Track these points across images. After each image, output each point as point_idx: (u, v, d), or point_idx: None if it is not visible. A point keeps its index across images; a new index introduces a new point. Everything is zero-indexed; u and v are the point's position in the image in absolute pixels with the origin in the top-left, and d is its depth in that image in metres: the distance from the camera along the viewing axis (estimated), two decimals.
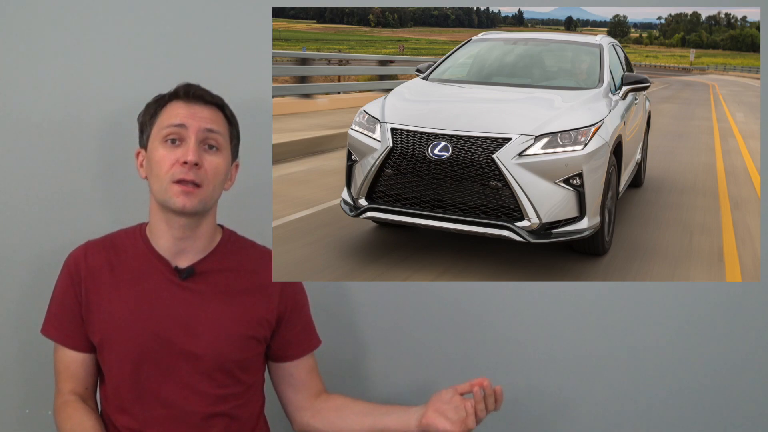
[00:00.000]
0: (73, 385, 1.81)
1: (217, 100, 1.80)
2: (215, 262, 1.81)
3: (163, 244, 1.79)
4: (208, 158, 1.73)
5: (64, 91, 2.15)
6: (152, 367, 1.75)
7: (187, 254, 1.79)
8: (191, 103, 1.76)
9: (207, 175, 1.72)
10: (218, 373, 1.78)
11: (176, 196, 1.70)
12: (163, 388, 1.75)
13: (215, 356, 1.76)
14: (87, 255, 1.81)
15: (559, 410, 2.39)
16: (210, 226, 1.82)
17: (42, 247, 2.13)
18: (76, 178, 2.17)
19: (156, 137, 1.75)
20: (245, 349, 1.81)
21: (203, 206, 1.74)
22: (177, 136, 1.72)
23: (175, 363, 1.75)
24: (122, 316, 1.75)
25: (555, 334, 2.38)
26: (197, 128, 1.72)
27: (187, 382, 1.76)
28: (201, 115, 1.74)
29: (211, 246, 1.82)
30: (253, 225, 2.16)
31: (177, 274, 1.78)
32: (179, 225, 1.76)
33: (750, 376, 2.42)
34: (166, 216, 1.76)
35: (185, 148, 1.71)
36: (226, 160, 1.78)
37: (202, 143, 1.73)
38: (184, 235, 1.77)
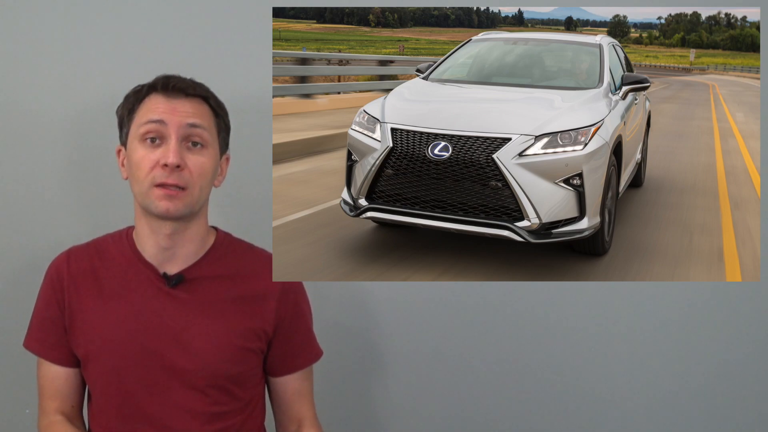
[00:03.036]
0: (57, 404, 1.68)
1: (200, 91, 1.63)
2: (207, 269, 1.67)
3: (150, 249, 1.64)
4: (192, 158, 1.58)
5: (62, 90, 2.15)
6: (139, 383, 1.61)
7: (177, 260, 1.65)
8: (171, 96, 1.59)
9: (192, 177, 1.57)
10: (211, 389, 1.63)
11: (158, 200, 1.55)
12: (150, 406, 1.61)
13: (207, 371, 1.62)
14: (70, 262, 1.68)
15: (558, 410, 2.39)
16: (200, 229, 1.67)
17: (34, 244, 2.12)
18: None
19: (135, 135, 1.59)
20: (240, 363, 1.66)
21: (189, 210, 1.59)
22: (157, 134, 1.56)
23: (163, 379, 1.61)
24: (107, 327, 1.62)
25: (555, 334, 2.37)
26: (178, 124, 1.56)
27: (177, 400, 1.61)
28: (182, 110, 1.58)
29: (202, 250, 1.67)
30: (253, 225, 2.16)
31: (165, 282, 1.64)
32: (164, 232, 1.61)
33: (750, 376, 2.42)
34: (150, 221, 1.62)
35: (166, 148, 1.55)
36: (213, 157, 1.63)
37: (184, 141, 1.58)
38: (171, 243, 1.63)
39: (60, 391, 1.69)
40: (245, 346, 1.66)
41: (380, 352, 2.36)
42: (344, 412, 2.35)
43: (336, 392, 2.33)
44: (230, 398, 1.66)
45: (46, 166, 2.12)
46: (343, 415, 2.34)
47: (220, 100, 1.68)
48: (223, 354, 1.63)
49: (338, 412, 2.31)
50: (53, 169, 2.13)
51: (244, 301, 1.67)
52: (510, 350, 2.37)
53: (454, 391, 2.36)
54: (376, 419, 2.37)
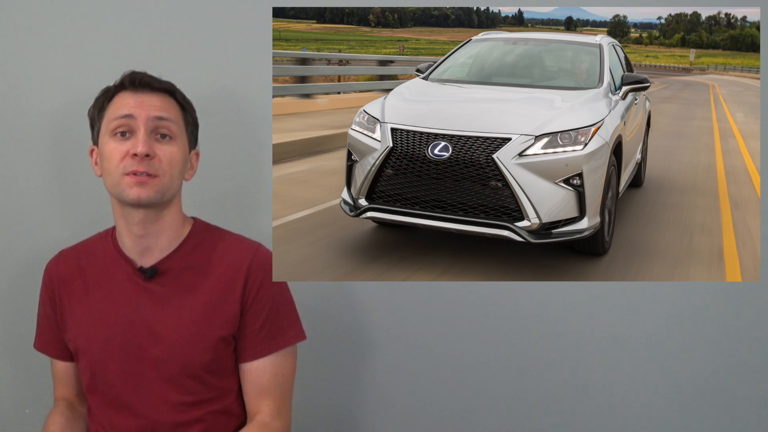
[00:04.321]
0: (63, 391, 1.85)
1: (166, 86, 1.71)
2: (179, 260, 1.72)
3: (128, 242, 1.72)
4: (161, 147, 1.65)
5: (61, 90, 2.15)
6: (120, 374, 1.69)
7: (152, 252, 1.71)
8: (138, 92, 1.67)
9: (162, 165, 1.64)
10: (186, 378, 1.69)
11: (129, 187, 1.62)
12: (131, 396, 1.70)
13: (180, 361, 1.68)
14: (59, 263, 1.80)
15: (558, 409, 2.39)
16: (173, 219, 1.72)
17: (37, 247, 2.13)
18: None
19: (105, 131, 1.67)
20: (213, 352, 1.70)
21: (160, 197, 1.65)
22: (126, 128, 1.64)
23: (142, 369, 1.69)
24: (91, 322, 1.72)
25: (555, 334, 2.37)
26: (146, 117, 1.64)
27: (155, 390, 1.69)
28: (149, 103, 1.66)
29: (177, 242, 1.73)
30: (253, 225, 2.17)
31: (141, 275, 1.71)
32: (137, 220, 1.67)
33: (750, 376, 2.42)
34: (124, 212, 1.68)
35: (135, 139, 1.63)
36: (182, 149, 1.70)
37: (153, 133, 1.65)
38: (145, 232, 1.69)
39: (64, 381, 1.85)
40: (217, 335, 1.70)
41: (380, 352, 2.36)
42: (343, 413, 2.35)
43: (335, 392, 2.33)
44: (205, 388, 1.71)
45: (36, 168, 2.15)
46: (340, 417, 2.34)
47: (186, 96, 1.75)
48: (195, 344, 1.68)
49: (337, 413, 2.31)
50: (43, 171, 2.16)
51: (215, 289, 1.71)
52: (510, 350, 2.37)
53: (454, 391, 2.36)
54: (375, 420, 2.37)
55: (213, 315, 1.70)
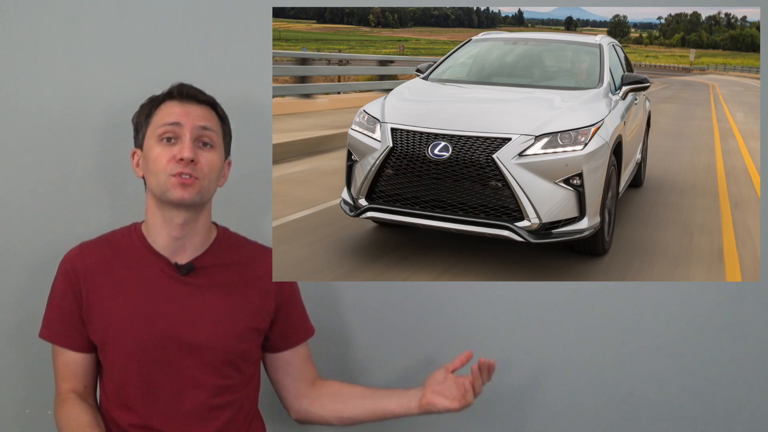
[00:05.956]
0: (72, 384, 1.84)
1: (210, 99, 1.84)
2: (213, 258, 1.85)
3: (161, 241, 1.82)
4: (203, 154, 1.78)
5: (61, 89, 2.15)
6: (158, 363, 1.78)
7: (186, 251, 1.83)
8: (185, 102, 1.80)
9: (203, 170, 1.77)
10: (222, 364, 1.81)
11: (174, 187, 1.74)
12: (168, 383, 1.79)
13: (220, 348, 1.81)
14: (83, 255, 1.84)
15: (558, 410, 2.39)
16: (206, 222, 1.85)
17: (41, 247, 2.13)
18: (75, 177, 2.17)
19: (152, 136, 1.79)
20: (247, 340, 1.85)
21: (201, 198, 1.77)
22: (172, 135, 1.77)
23: (180, 357, 1.79)
24: (125, 314, 1.78)
25: (555, 334, 2.37)
26: (192, 126, 1.77)
27: (192, 375, 1.79)
28: (195, 114, 1.79)
29: (207, 243, 1.86)
30: (253, 225, 2.17)
31: (177, 271, 1.81)
32: (177, 222, 1.79)
33: (750, 376, 2.42)
34: (164, 212, 1.79)
35: (181, 145, 1.76)
36: (220, 157, 1.83)
37: (196, 140, 1.77)
38: (182, 233, 1.80)
39: (74, 374, 1.85)
40: (251, 325, 1.86)
41: (379, 352, 2.36)
42: None
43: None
44: (237, 373, 1.85)
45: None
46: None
47: (225, 111, 1.88)
48: (233, 331, 1.82)
49: None
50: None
51: (248, 285, 1.87)
52: (510, 350, 2.37)
53: None
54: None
55: (249, 307, 1.86)
